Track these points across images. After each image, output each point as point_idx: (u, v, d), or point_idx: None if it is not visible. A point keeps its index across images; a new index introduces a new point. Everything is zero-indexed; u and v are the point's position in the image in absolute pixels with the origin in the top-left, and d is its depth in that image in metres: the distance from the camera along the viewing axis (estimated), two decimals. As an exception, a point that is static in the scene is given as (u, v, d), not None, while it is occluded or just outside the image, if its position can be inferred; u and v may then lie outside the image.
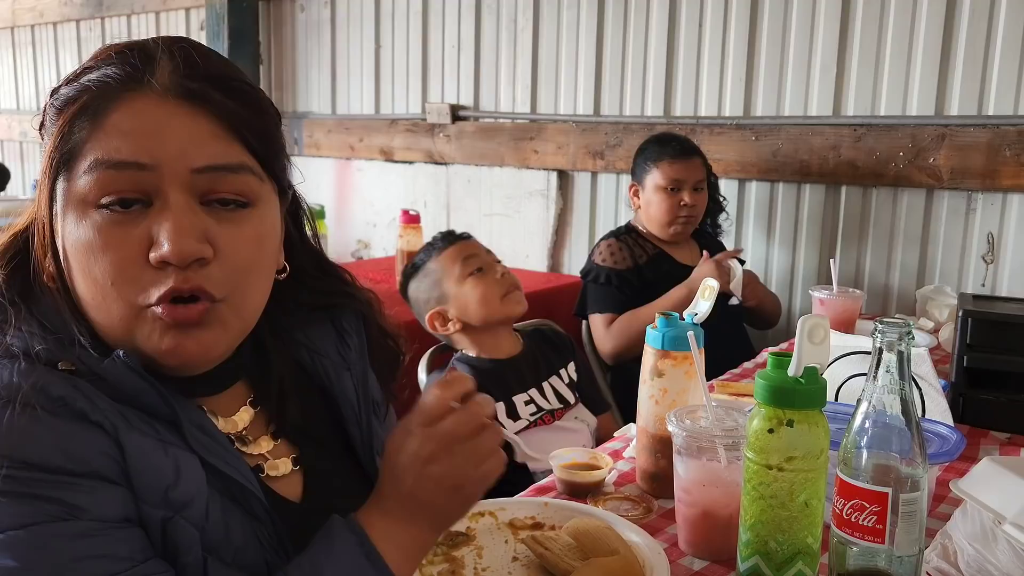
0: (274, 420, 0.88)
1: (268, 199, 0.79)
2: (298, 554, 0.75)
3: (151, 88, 0.73)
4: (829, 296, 1.95)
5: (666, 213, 2.35)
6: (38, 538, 0.65)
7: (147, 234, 0.71)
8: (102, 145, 0.71)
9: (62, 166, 0.73)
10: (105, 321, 0.74)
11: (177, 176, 0.72)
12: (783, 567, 0.86)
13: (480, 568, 0.97)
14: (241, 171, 0.75)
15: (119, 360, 0.72)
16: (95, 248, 0.71)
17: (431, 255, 1.92)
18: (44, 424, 0.67)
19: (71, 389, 0.70)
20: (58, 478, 0.67)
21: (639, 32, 2.85)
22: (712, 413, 1.04)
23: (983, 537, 0.92)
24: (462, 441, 0.76)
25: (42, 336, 0.72)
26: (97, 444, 0.69)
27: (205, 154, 0.73)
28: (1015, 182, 2.23)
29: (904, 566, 0.77)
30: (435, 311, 1.84)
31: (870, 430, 0.77)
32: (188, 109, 0.73)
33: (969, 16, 2.27)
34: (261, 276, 0.80)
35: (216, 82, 0.75)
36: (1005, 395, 1.45)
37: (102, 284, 0.72)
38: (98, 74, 0.74)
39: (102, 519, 0.68)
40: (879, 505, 0.75)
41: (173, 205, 0.72)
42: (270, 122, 0.79)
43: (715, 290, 1.19)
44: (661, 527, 1.09)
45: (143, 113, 0.72)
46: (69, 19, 4.80)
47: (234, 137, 0.75)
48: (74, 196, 0.72)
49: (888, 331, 0.76)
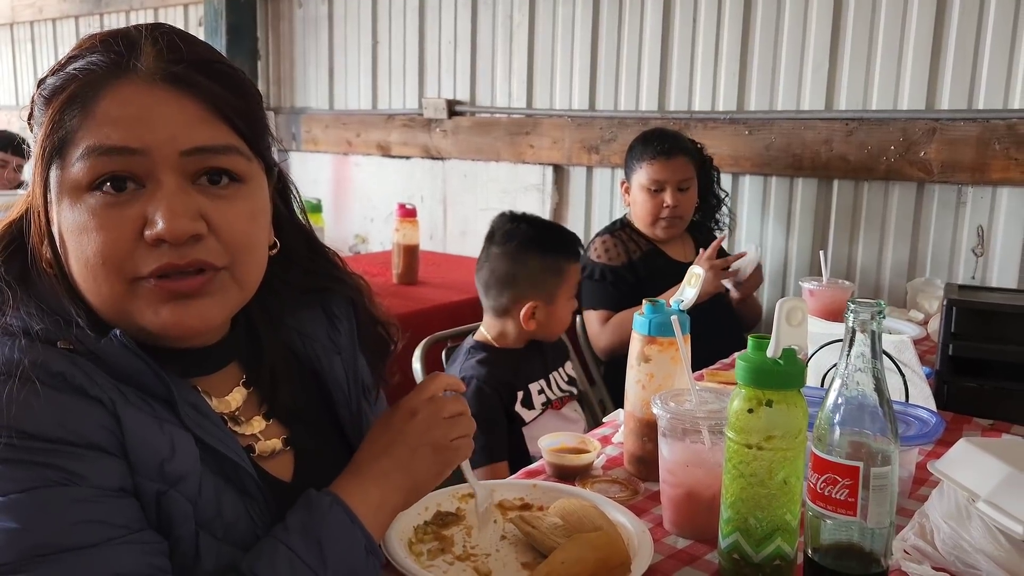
0: (266, 401, 0.90)
1: (257, 177, 0.82)
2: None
3: (137, 74, 0.75)
4: (819, 287, 1.98)
5: (649, 213, 2.37)
6: (39, 502, 0.67)
7: (141, 214, 0.74)
8: (93, 133, 0.74)
9: (55, 155, 0.75)
10: (99, 301, 0.76)
11: (167, 159, 0.74)
12: (762, 543, 0.89)
13: (469, 546, 0.99)
14: (229, 152, 0.78)
15: (116, 339, 0.75)
16: (89, 229, 0.74)
17: (565, 253, 1.88)
18: (44, 398, 0.70)
19: (70, 365, 0.72)
20: (58, 447, 0.69)
21: (634, 27, 2.87)
22: (696, 396, 1.06)
23: (958, 515, 0.94)
24: (445, 416, 0.87)
25: (40, 317, 0.75)
26: (96, 417, 0.71)
27: (193, 137, 0.75)
28: (1004, 175, 2.26)
29: (876, 539, 0.80)
30: (537, 303, 1.83)
31: (843, 407, 0.79)
32: (174, 93, 0.75)
33: (959, 12, 2.29)
34: (257, 248, 0.82)
35: (199, 66, 0.77)
36: (988, 383, 1.48)
37: (95, 264, 0.74)
38: (83, 62, 0.76)
39: (100, 487, 0.70)
40: (851, 479, 0.78)
41: (166, 186, 0.74)
42: (253, 102, 0.82)
43: (700, 277, 1.21)
44: (647, 508, 1.11)
45: (131, 99, 0.74)
46: (68, 15, 4.83)
47: (220, 119, 0.77)
48: (68, 183, 0.75)
49: (860, 311, 0.78)
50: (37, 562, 0.66)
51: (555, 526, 0.97)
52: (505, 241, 1.86)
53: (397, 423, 0.88)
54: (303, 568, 0.75)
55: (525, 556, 0.97)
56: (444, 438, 0.88)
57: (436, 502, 1.06)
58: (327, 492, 0.81)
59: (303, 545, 0.76)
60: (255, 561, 0.75)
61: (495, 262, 1.86)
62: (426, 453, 0.86)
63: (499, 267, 1.85)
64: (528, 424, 1.80)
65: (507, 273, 1.84)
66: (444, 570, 0.93)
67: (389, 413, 0.90)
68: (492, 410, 1.75)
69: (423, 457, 0.86)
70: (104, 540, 0.69)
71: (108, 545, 0.69)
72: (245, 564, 0.75)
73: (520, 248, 1.84)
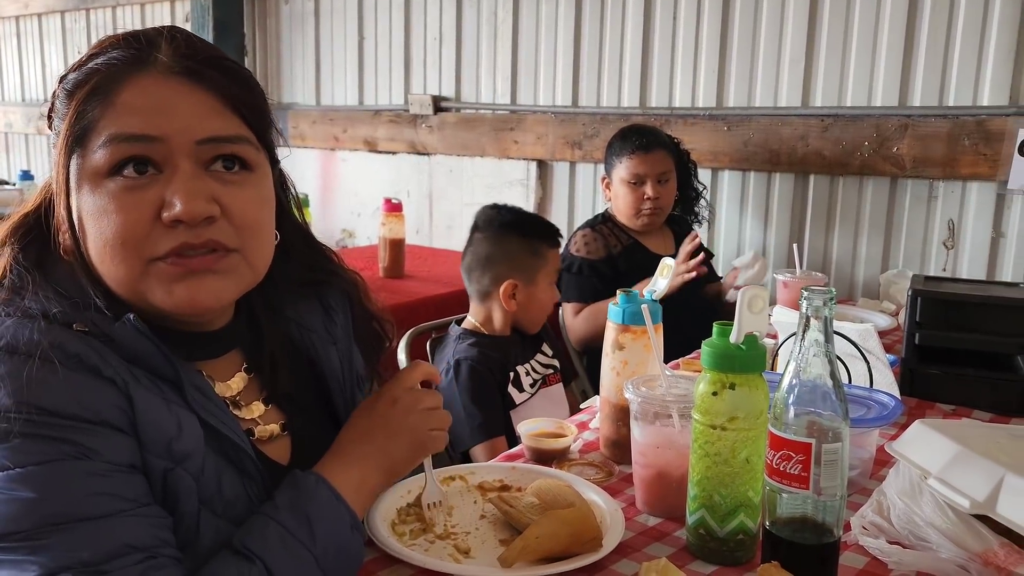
0: (266, 388, 0.95)
1: (264, 166, 0.88)
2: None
3: (156, 67, 0.80)
4: (792, 279, 2.04)
5: (631, 206, 2.42)
6: (54, 473, 0.71)
7: (158, 197, 0.79)
8: (115, 121, 0.79)
9: (76, 144, 0.80)
10: (115, 281, 0.81)
11: (184, 146, 0.80)
12: (726, 518, 0.94)
13: (450, 525, 1.04)
14: (240, 141, 0.83)
15: (129, 323, 0.79)
16: (109, 211, 0.78)
17: (544, 238, 1.97)
18: (61, 377, 0.74)
19: (85, 347, 0.76)
20: (73, 423, 0.73)
21: (615, 25, 2.92)
22: (666, 381, 1.12)
23: (911, 492, 1.00)
24: (423, 408, 0.95)
25: (57, 301, 0.79)
26: (109, 397, 0.76)
27: (207, 127, 0.81)
28: (973, 171, 2.32)
29: (828, 511, 0.85)
30: (516, 282, 1.90)
31: (797, 388, 0.84)
32: (190, 86, 0.81)
33: (930, 12, 2.35)
34: (265, 232, 0.87)
35: (213, 62, 0.83)
36: (951, 370, 1.54)
37: (114, 244, 0.79)
38: (105, 58, 0.81)
39: (112, 462, 0.74)
40: (804, 455, 0.83)
41: (182, 171, 0.79)
42: (260, 98, 0.88)
43: (672, 268, 1.26)
44: (621, 489, 1.16)
45: (150, 90, 0.80)
46: (54, 10, 4.83)
47: (232, 111, 0.83)
48: (89, 169, 0.79)
49: (814, 297, 0.84)
50: (52, 530, 0.70)
51: (531, 505, 1.02)
52: (487, 226, 1.95)
53: (379, 409, 0.94)
54: (294, 542, 0.79)
55: (503, 534, 1.02)
56: (421, 428, 0.95)
57: (419, 485, 1.10)
58: (312, 472, 0.86)
59: (293, 521, 0.80)
60: (247, 537, 0.78)
61: (477, 246, 1.95)
62: (404, 439, 0.93)
63: (480, 250, 1.94)
64: (517, 407, 1.86)
65: (488, 254, 1.93)
66: (425, 548, 0.98)
67: (372, 399, 0.96)
68: (488, 389, 1.82)
69: (401, 443, 0.93)
70: (115, 512, 0.73)
71: (118, 517, 0.73)
72: (237, 540, 0.78)
73: (501, 230, 1.94)
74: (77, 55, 0.84)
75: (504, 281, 1.89)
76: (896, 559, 0.94)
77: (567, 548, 0.93)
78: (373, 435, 0.92)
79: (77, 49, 4.75)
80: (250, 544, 0.78)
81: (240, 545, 0.78)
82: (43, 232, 0.85)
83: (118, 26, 4.50)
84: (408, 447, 0.94)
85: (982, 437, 1.04)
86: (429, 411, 0.96)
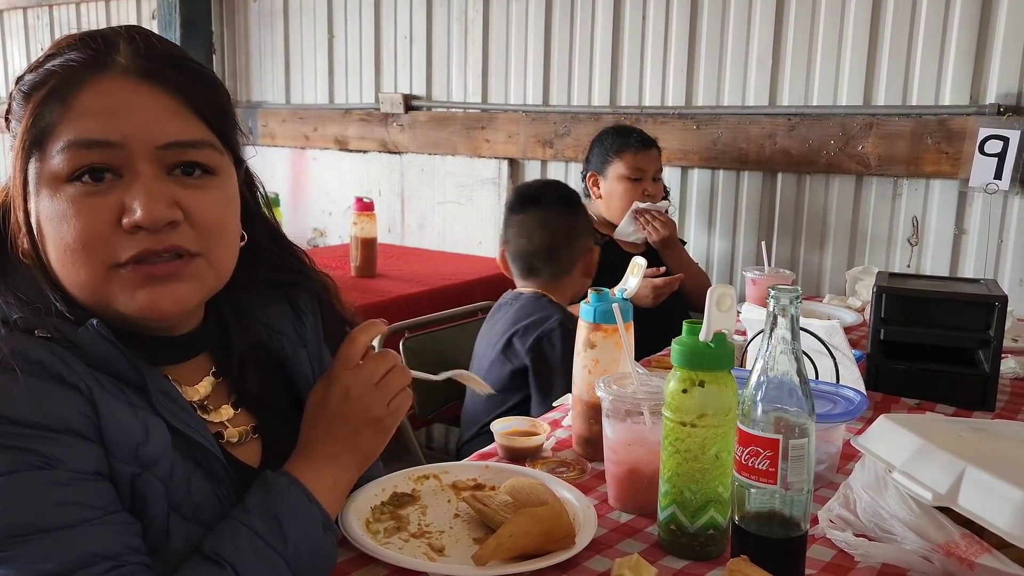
0: (235, 391, 0.95)
1: (228, 169, 0.87)
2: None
3: (115, 69, 0.79)
4: (761, 275, 2.07)
5: (630, 202, 2.45)
6: (18, 484, 0.71)
7: (119, 203, 0.78)
8: (73, 126, 0.77)
9: (34, 147, 0.79)
10: (76, 287, 0.80)
11: (144, 151, 0.78)
12: (697, 514, 0.96)
13: (424, 524, 1.04)
14: (202, 146, 0.82)
15: (92, 328, 0.78)
16: (68, 216, 0.77)
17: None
18: (23, 384, 0.73)
19: (48, 354, 0.76)
20: (36, 432, 0.72)
21: (585, 24, 2.93)
22: (637, 379, 1.13)
23: (876, 485, 1.02)
24: (376, 385, 0.90)
25: (18, 306, 0.78)
26: (73, 404, 0.75)
27: (168, 131, 0.80)
28: (936, 168, 2.37)
29: (795, 505, 0.87)
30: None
31: (765, 385, 0.86)
32: (150, 88, 0.80)
33: (893, 13, 2.39)
34: (230, 235, 0.87)
35: (173, 62, 0.82)
36: (915, 365, 1.57)
37: (73, 250, 0.77)
38: (62, 59, 0.80)
39: (77, 471, 0.73)
40: (772, 451, 0.85)
41: (142, 175, 0.78)
42: (224, 98, 0.87)
43: (643, 267, 1.28)
44: (593, 486, 1.17)
45: (109, 93, 0.78)
46: (16, 7, 4.74)
47: (193, 113, 0.82)
48: (47, 174, 0.78)
49: (780, 296, 0.85)
50: (16, 542, 0.69)
51: (504, 503, 1.03)
52: (549, 202, 2.00)
53: (333, 405, 0.90)
54: (264, 547, 0.78)
55: (477, 532, 1.02)
56: (381, 408, 0.91)
57: (392, 484, 1.11)
58: (283, 472, 0.85)
59: (263, 524, 0.80)
60: (217, 542, 0.78)
61: (551, 224, 1.97)
62: (368, 429, 0.90)
63: (558, 227, 1.97)
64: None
65: (570, 227, 1.99)
66: (400, 547, 0.98)
67: (322, 389, 0.92)
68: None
69: (367, 434, 0.90)
70: (80, 521, 0.72)
71: (84, 526, 0.72)
72: (207, 546, 0.78)
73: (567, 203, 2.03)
74: (41, 52, 0.83)
75: (591, 249, 1.98)
76: (862, 551, 0.96)
77: (540, 546, 0.94)
78: (336, 433, 0.89)
79: (40, 46, 4.67)
80: (220, 549, 0.78)
81: (210, 551, 0.78)
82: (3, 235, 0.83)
83: (82, 23, 4.43)
84: (375, 434, 0.91)
85: (944, 431, 1.07)
86: (383, 384, 0.91)
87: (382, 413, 0.91)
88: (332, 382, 0.91)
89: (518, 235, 1.98)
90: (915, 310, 1.59)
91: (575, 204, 2.03)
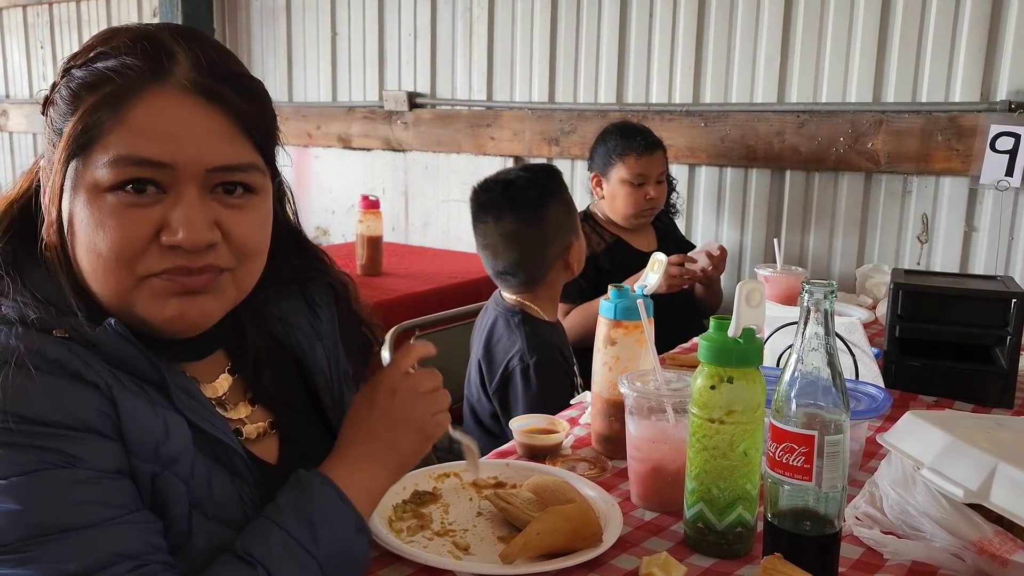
0: (251, 388, 0.94)
1: (267, 188, 0.86)
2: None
3: (172, 82, 0.77)
4: (773, 274, 2.06)
5: (632, 206, 2.41)
6: (39, 483, 0.70)
7: (160, 218, 0.77)
8: (125, 141, 0.75)
9: (80, 151, 0.77)
10: (104, 291, 0.79)
11: (193, 174, 0.77)
12: (725, 511, 0.95)
13: (447, 523, 1.03)
14: (250, 169, 0.82)
15: (110, 328, 0.77)
16: (107, 226, 0.76)
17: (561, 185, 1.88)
18: (41, 383, 0.72)
19: (66, 352, 0.74)
20: (56, 431, 0.71)
21: (592, 21, 2.92)
22: (661, 376, 1.12)
23: (904, 482, 1.01)
24: (423, 393, 0.91)
25: (35, 306, 0.76)
26: (92, 402, 0.74)
27: (220, 155, 0.79)
28: (946, 166, 2.36)
29: (829, 503, 0.86)
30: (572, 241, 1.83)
31: (799, 381, 0.85)
32: (206, 108, 0.78)
33: (903, 9, 2.38)
34: (261, 255, 0.86)
35: (231, 80, 0.80)
36: (932, 362, 1.56)
37: (107, 258, 0.77)
38: (117, 63, 0.77)
39: (98, 469, 0.72)
40: (807, 447, 0.84)
41: (187, 197, 0.77)
42: (271, 118, 0.85)
43: (663, 263, 1.27)
44: (615, 484, 1.16)
45: (165, 111, 0.76)
46: (16, 4, 4.71)
47: (245, 136, 0.81)
48: (89, 179, 0.76)
49: (815, 291, 0.84)
50: (38, 542, 0.68)
51: (529, 501, 1.02)
52: (520, 208, 1.78)
53: (379, 402, 0.90)
54: (296, 547, 0.77)
55: (501, 530, 1.01)
56: (425, 414, 0.91)
57: (413, 482, 1.10)
58: (317, 473, 0.84)
59: (295, 524, 0.78)
60: (249, 541, 0.77)
61: (521, 229, 1.77)
62: (409, 431, 0.90)
63: (529, 230, 1.77)
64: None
65: (542, 231, 1.78)
66: (424, 545, 0.97)
67: (369, 391, 0.92)
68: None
69: (407, 436, 0.90)
70: (103, 520, 0.71)
71: (107, 525, 0.71)
72: (239, 545, 0.77)
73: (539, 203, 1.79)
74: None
75: (570, 245, 1.78)
76: (891, 549, 0.95)
77: (568, 544, 0.93)
78: (377, 433, 0.89)
79: (40, 44, 4.64)
80: (252, 549, 0.77)
81: (242, 550, 0.77)
82: (25, 224, 0.82)
83: (82, 21, 4.41)
84: (415, 440, 0.90)
85: (972, 427, 1.06)
86: (430, 394, 0.92)
87: (425, 418, 0.91)
88: (380, 382, 0.91)
89: (482, 246, 1.82)
90: (932, 307, 1.58)
91: (543, 203, 1.78)
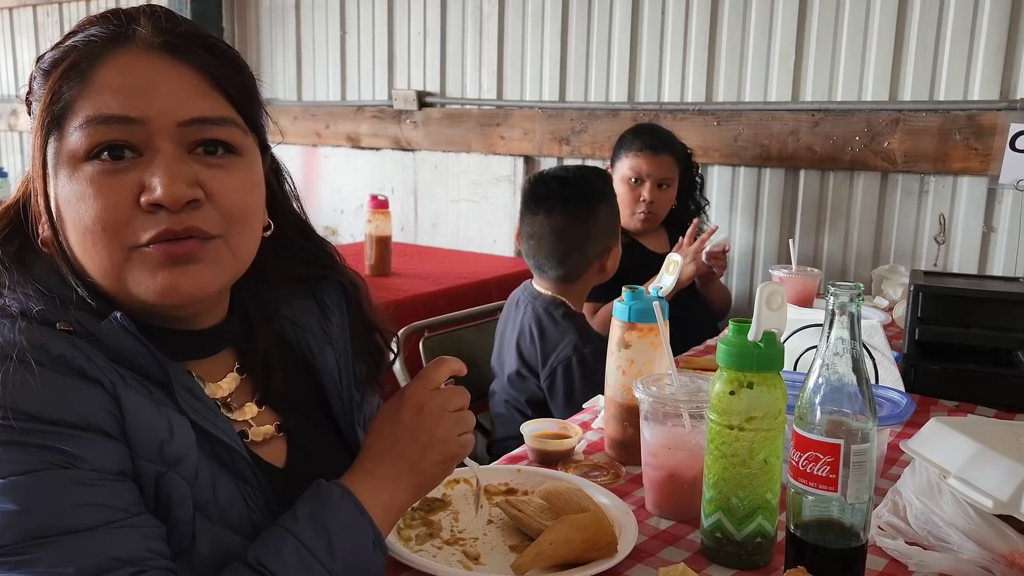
0: (259, 389, 0.91)
1: (252, 150, 0.83)
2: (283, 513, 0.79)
3: (136, 43, 0.76)
4: (788, 274, 2.02)
5: (626, 205, 2.36)
6: (39, 484, 0.67)
7: (138, 181, 0.74)
8: (92, 102, 0.74)
9: (53, 126, 0.75)
10: (96, 270, 0.76)
11: (165, 128, 0.75)
12: (744, 521, 0.91)
13: (457, 530, 1.00)
14: (226, 123, 0.79)
15: (116, 321, 0.75)
16: (87, 196, 0.74)
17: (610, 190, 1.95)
18: (44, 379, 0.69)
19: (70, 347, 0.72)
20: (57, 429, 0.69)
21: (603, 19, 2.89)
22: (677, 380, 1.09)
23: (929, 491, 0.98)
24: (452, 411, 0.86)
25: (37, 299, 0.74)
26: (96, 399, 0.71)
27: (191, 107, 0.76)
28: (964, 165, 2.32)
29: (855, 514, 0.83)
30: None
31: (824, 387, 0.82)
32: (172, 63, 0.76)
33: (921, 6, 2.35)
34: (252, 219, 0.83)
35: (197, 39, 0.79)
36: (953, 365, 1.52)
37: (93, 230, 0.74)
38: (82, 35, 0.77)
39: (100, 470, 0.70)
40: (832, 456, 0.80)
41: (163, 153, 0.75)
42: (249, 78, 0.83)
43: (679, 264, 1.24)
44: (629, 491, 1.13)
45: (130, 68, 0.75)
46: (26, 4, 4.72)
47: (217, 91, 0.78)
48: (65, 153, 0.75)
49: (840, 293, 0.81)
50: (36, 544, 0.66)
51: (541, 508, 0.99)
52: (573, 205, 1.84)
53: (405, 419, 0.85)
54: (311, 559, 0.74)
55: (512, 539, 0.98)
56: (452, 434, 0.86)
57: (423, 489, 1.07)
58: (337, 484, 0.81)
59: (312, 536, 0.76)
60: (261, 550, 0.74)
61: (572, 226, 1.83)
62: (435, 452, 0.85)
63: (580, 223, 1.84)
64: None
65: (592, 224, 1.85)
66: (433, 554, 0.95)
67: (395, 405, 0.88)
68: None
69: (432, 456, 0.85)
70: (103, 523, 0.69)
71: (107, 528, 0.69)
72: (252, 555, 0.74)
73: (591, 199, 1.86)
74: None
75: (610, 248, 1.86)
76: (917, 560, 0.92)
77: (582, 554, 0.90)
78: (401, 451, 0.84)
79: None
80: (264, 559, 0.74)
81: (253, 559, 0.74)
82: (24, 225, 0.80)
83: (92, 20, 4.40)
84: (439, 460, 0.85)
85: (1000, 434, 1.02)
86: (458, 413, 0.87)
87: (451, 438, 0.86)
88: (407, 397, 0.87)
89: (528, 235, 1.88)
90: (952, 309, 1.55)
91: (593, 204, 1.85)
